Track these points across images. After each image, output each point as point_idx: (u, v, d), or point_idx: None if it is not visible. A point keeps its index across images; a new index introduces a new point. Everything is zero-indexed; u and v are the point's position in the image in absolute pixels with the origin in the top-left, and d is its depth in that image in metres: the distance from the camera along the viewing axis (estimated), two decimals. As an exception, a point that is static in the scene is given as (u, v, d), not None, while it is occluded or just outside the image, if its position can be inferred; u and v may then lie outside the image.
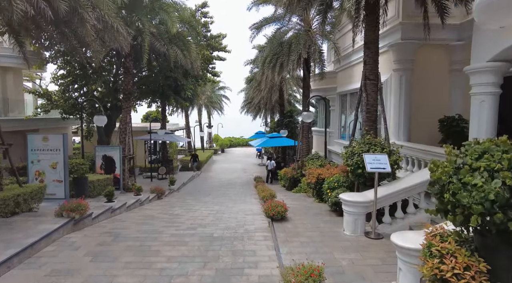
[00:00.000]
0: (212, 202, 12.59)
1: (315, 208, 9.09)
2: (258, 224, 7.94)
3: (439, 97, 9.76)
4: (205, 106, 38.04)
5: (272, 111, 26.76)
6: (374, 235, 6.10)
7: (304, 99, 15.54)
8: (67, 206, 7.12)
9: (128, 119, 15.54)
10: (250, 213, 9.78)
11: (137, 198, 11.63)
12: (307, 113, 11.62)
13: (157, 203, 12.63)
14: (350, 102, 14.64)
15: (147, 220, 8.71)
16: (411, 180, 6.45)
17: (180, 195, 15.58)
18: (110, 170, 14.25)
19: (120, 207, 9.83)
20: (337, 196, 7.53)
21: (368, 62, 7.91)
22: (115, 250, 5.95)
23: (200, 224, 8.09)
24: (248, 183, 20.63)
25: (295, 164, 16.26)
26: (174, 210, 10.67)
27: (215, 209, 10.72)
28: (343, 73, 15.09)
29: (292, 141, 20.49)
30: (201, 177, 23.93)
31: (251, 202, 12.60)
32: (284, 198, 11.21)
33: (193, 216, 9.38)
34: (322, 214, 8.03)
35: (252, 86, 23.54)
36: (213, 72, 21.85)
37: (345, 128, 14.87)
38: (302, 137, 15.61)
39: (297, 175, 15.14)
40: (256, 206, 11.13)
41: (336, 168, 10.74)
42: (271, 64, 14.47)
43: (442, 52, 9.68)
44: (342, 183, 7.99)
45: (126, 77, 15.60)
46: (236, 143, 47.38)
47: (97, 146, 14.66)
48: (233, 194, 15.62)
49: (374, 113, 7.95)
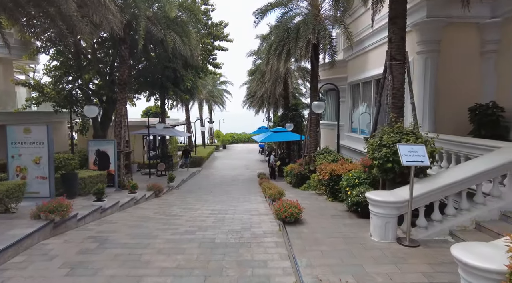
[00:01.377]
0: (214, 201, 11.59)
1: (330, 208, 8.07)
2: (266, 227, 6.92)
3: (468, 83, 8.67)
4: (206, 101, 36.95)
5: (276, 105, 25.66)
6: (408, 241, 5.07)
7: (312, 90, 14.46)
8: (45, 207, 6.11)
9: (123, 111, 14.53)
10: (256, 213, 8.77)
11: (131, 196, 10.63)
12: (318, 103, 10.56)
13: (154, 201, 11.64)
14: (362, 93, 13.57)
15: (140, 222, 7.71)
16: (452, 176, 5.40)
17: (179, 193, 14.60)
18: (104, 166, 13.26)
19: (111, 207, 8.83)
20: (359, 195, 6.50)
21: (394, 40, 6.84)
22: (99, 260, 4.95)
23: (200, 226, 7.08)
24: (251, 180, 19.63)
25: (302, 159, 15.22)
26: (172, 209, 9.67)
27: (217, 208, 9.72)
28: (355, 61, 14.00)
29: (298, 136, 19.43)
30: (202, 174, 22.94)
31: (256, 200, 11.59)
32: (293, 196, 10.20)
33: (192, 216, 8.38)
34: (341, 216, 7.00)
35: (255, 79, 22.42)
36: (214, 64, 20.78)
37: (358, 121, 13.81)
38: (310, 131, 14.55)
39: (304, 171, 14.11)
40: (263, 205, 10.13)
41: (351, 163, 9.70)
42: (277, 51, 13.37)
43: (472, 31, 8.57)
44: (363, 179, 6.96)
45: (122, 67, 14.56)
46: (238, 139, 46.34)
47: (90, 140, 13.65)
48: (236, 192, 14.62)
49: (400, 98, 6.89)
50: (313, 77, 14.46)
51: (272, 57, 13.56)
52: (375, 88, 12.01)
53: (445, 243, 5.08)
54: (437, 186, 5.25)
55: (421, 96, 8.65)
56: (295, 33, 12.81)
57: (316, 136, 14.66)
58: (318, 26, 12.93)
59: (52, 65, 16.97)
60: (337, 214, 7.13)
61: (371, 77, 12.10)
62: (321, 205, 8.51)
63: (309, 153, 14.39)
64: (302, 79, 21.98)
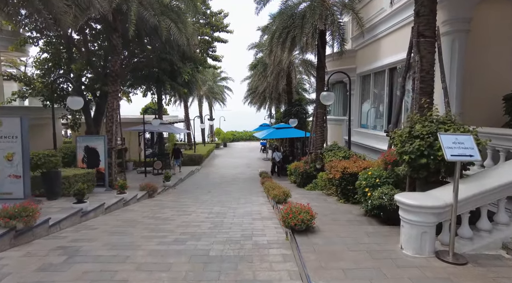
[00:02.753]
0: (212, 202, 10.54)
1: (344, 211, 7.01)
2: (271, 234, 5.86)
3: (503, 68, 7.58)
4: (206, 98, 35.84)
5: (278, 101, 24.55)
6: (452, 257, 4.00)
7: (318, 81, 13.38)
8: (5, 212, 5.08)
9: (115, 105, 13.50)
10: (259, 217, 7.71)
11: (120, 196, 9.59)
12: (327, 94, 9.45)
13: (146, 202, 10.61)
14: (374, 84, 12.49)
15: (125, 227, 6.67)
16: (504, 176, 4.33)
17: (175, 193, 13.56)
18: (93, 164, 12.24)
19: (95, 209, 7.80)
20: (382, 197, 5.44)
21: (422, 13, 5.75)
22: (59, 282, 3.91)
23: (193, 234, 6.03)
24: (253, 179, 18.59)
25: (307, 157, 14.15)
26: (164, 212, 8.62)
27: (215, 211, 8.67)
28: (366, 50, 12.91)
29: (303, 132, 18.36)
30: (201, 172, 21.91)
31: (258, 201, 10.55)
32: (299, 196, 9.15)
33: (186, 221, 7.33)
34: (359, 221, 5.93)
35: (257, 72, 21.32)
36: (214, 56, 19.68)
37: (369, 115, 12.72)
38: (316, 126, 13.47)
39: (310, 169, 13.05)
40: (265, 207, 9.08)
41: (365, 161, 8.64)
42: (281, 39, 12.28)
43: (509, 9, 7.48)
44: (385, 179, 5.89)
45: (113, 57, 13.52)
46: (239, 137, 45.26)
47: (78, 135, 12.61)
48: (237, 192, 13.58)
49: (430, 83, 5.82)
50: (320, 67, 13.38)
51: (275, 46, 12.47)
52: (388, 78, 10.94)
53: (499, 260, 4.02)
54: (488, 188, 4.18)
55: (447, 83, 7.56)
56: (300, 20, 11.72)
57: (323, 132, 13.59)
58: (326, 11, 11.84)
59: (42, 57, 15.98)
60: (354, 219, 6.07)
61: (384, 66, 11.03)
62: (332, 208, 7.45)
63: (315, 150, 13.32)
64: (306, 74, 20.88)
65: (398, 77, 10.15)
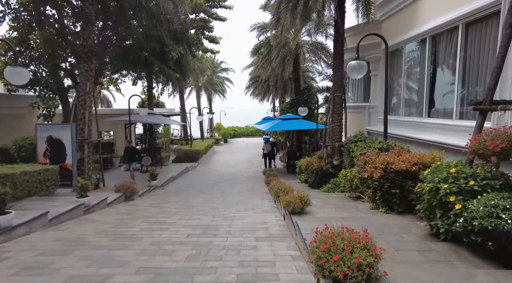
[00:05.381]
0: (203, 208, 8.13)
1: (396, 229, 4.59)
2: (292, 276, 3.42)
3: None
4: (205, 90, 33.33)
5: (284, 90, 22.04)
6: None
7: (336, 58, 10.89)
8: None
9: (88, 88, 11.08)
10: (265, 234, 5.29)
11: (80, 201, 7.18)
12: (357, 63, 6.84)
13: (117, 208, 8.20)
14: (406, 60, 10.02)
15: (54, 255, 4.24)
16: None
17: (161, 194, 11.17)
18: (58, 159, 9.92)
19: (27, 223, 5.39)
20: (494, 214, 2.97)
21: None
22: None
23: (158, 272, 3.60)
24: (255, 177, 16.18)
25: (321, 151, 11.72)
26: (134, 224, 6.21)
27: (204, 223, 6.24)
28: (396, 18, 10.41)
29: (313, 123, 15.89)
30: (197, 170, 19.51)
31: (263, 206, 8.14)
32: (318, 203, 6.73)
33: (157, 241, 4.90)
34: (441, 255, 3.47)
35: (260, 57, 18.82)
36: (211, 38, 17.24)
37: (401, 99, 10.23)
38: (333, 114, 11.02)
39: (326, 166, 10.62)
40: (273, 217, 6.66)
41: (412, 154, 6.18)
42: (290, 3, 9.81)
43: None
44: (485, 179, 3.43)
45: (86, 29, 11.10)
46: (240, 133, 42.76)
47: (39, 124, 10.19)
48: (236, 193, 11.17)
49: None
50: (337, 42, 10.90)
51: (284, 12, 9.98)
52: (430, 48, 8.46)
53: None
54: None
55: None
56: (316, -23, 9.24)
57: (341, 120, 11.13)
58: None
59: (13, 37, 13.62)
60: (430, 250, 3.61)
61: (424, 33, 8.54)
62: (374, 222, 5.01)
63: (332, 143, 10.88)
64: (316, 59, 18.35)
65: (448, 45, 7.67)
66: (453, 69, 7.44)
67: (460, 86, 7.21)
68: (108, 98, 37.11)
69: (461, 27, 7.00)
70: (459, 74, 7.13)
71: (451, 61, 7.47)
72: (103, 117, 17.00)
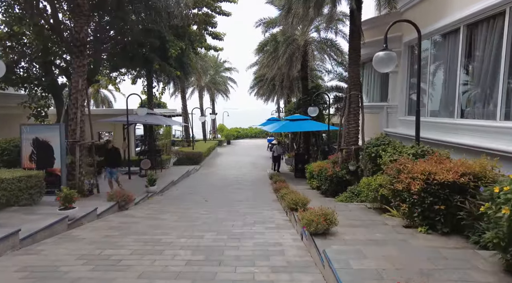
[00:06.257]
0: (206, 220, 7.12)
1: (452, 258, 3.59)
2: None
3: None
4: (207, 90, 32.37)
5: (290, 90, 21.02)
6: None
7: (352, 52, 9.90)
8: None
9: (80, 85, 10.14)
10: (282, 262, 4.27)
11: (63, 214, 6.20)
12: (386, 54, 5.81)
13: (109, 220, 7.22)
14: (432, 53, 9.00)
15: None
16: None
17: (160, 202, 10.19)
18: (45, 163, 8.97)
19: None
20: None
21: None
22: None
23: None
24: (261, 182, 15.18)
25: (336, 155, 10.70)
26: (123, 244, 5.20)
27: (205, 243, 5.23)
28: (420, 7, 9.38)
29: (324, 125, 14.87)
30: (199, 173, 18.53)
31: (274, 219, 7.13)
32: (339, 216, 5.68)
33: (148, 271, 3.90)
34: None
35: (266, 55, 17.78)
36: (214, 34, 16.26)
37: (429, 97, 9.19)
38: (349, 114, 10.01)
39: (341, 172, 9.59)
40: (289, 234, 5.65)
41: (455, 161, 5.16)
42: (304, -9, 8.81)
43: None
44: None
45: (78, 21, 10.15)
46: (244, 134, 41.75)
47: (23, 124, 9.22)
48: (242, 201, 10.17)
49: None
50: (354, 35, 9.91)
51: (296, 2, 8.98)
52: (465, 39, 7.43)
53: None
54: None
55: None
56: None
57: (357, 121, 10.12)
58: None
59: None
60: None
61: (458, 21, 7.51)
62: (417, 247, 3.99)
63: (348, 146, 9.85)
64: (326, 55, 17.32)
65: (490, 33, 6.63)
66: (496, 61, 6.41)
67: (506, 82, 6.17)
68: (108, 98, 36.30)
69: (508, 11, 5.98)
70: (505, 65, 6.09)
71: (494, 51, 6.43)
72: (100, 118, 16.12)
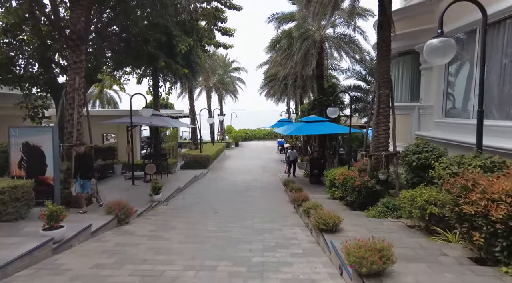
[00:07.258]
0: (217, 241, 5.99)
1: None
2: None
3: None
4: (215, 90, 31.32)
5: (303, 90, 19.84)
6: None
7: (382, 45, 8.70)
8: None
9: (77, 83, 9.14)
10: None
11: (47, 236, 5.13)
12: (443, 42, 4.60)
13: (104, 240, 6.13)
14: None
15: None
16: None
17: (165, 214, 9.09)
18: (36, 170, 7.97)
19: None
20: None
21: None
22: None
23: None
24: (274, 188, 14.02)
25: (363, 162, 9.49)
26: (116, 280, 4.11)
27: (219, 278, 4.10)
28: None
29: (346, 127, 13.64)
30: (207, 178, 17.43)
31: (297, 240, 5.97)
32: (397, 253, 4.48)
33: None
34: None
35: (279, 51, 16.63)
36: (224, 30, 15.18)
37: (472, 96, 7.92)
38: (378, 115, 8.80)
39: (370, 182, 8.38)
40: (321, 265, 4.48)
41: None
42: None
43: None
44: None
45: (74, 11, 9.16)
46: (252, 136, 40.62)
47: (12, 127, 8.21)
48: (256, 213, 9.00)
49: None
50: (384, 25, 8.71)
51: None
52: None
53: None
54: None
55: None
56: None
57: (388, 124, 8.91)
58: None
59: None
60: None
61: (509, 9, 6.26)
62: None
63: (378, 152, 8.64)
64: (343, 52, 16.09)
65: None
66: None
67: None
68: (114, 99, 35.59)
69: None
70: None
71: None
72: (103, 119, 15.18)
